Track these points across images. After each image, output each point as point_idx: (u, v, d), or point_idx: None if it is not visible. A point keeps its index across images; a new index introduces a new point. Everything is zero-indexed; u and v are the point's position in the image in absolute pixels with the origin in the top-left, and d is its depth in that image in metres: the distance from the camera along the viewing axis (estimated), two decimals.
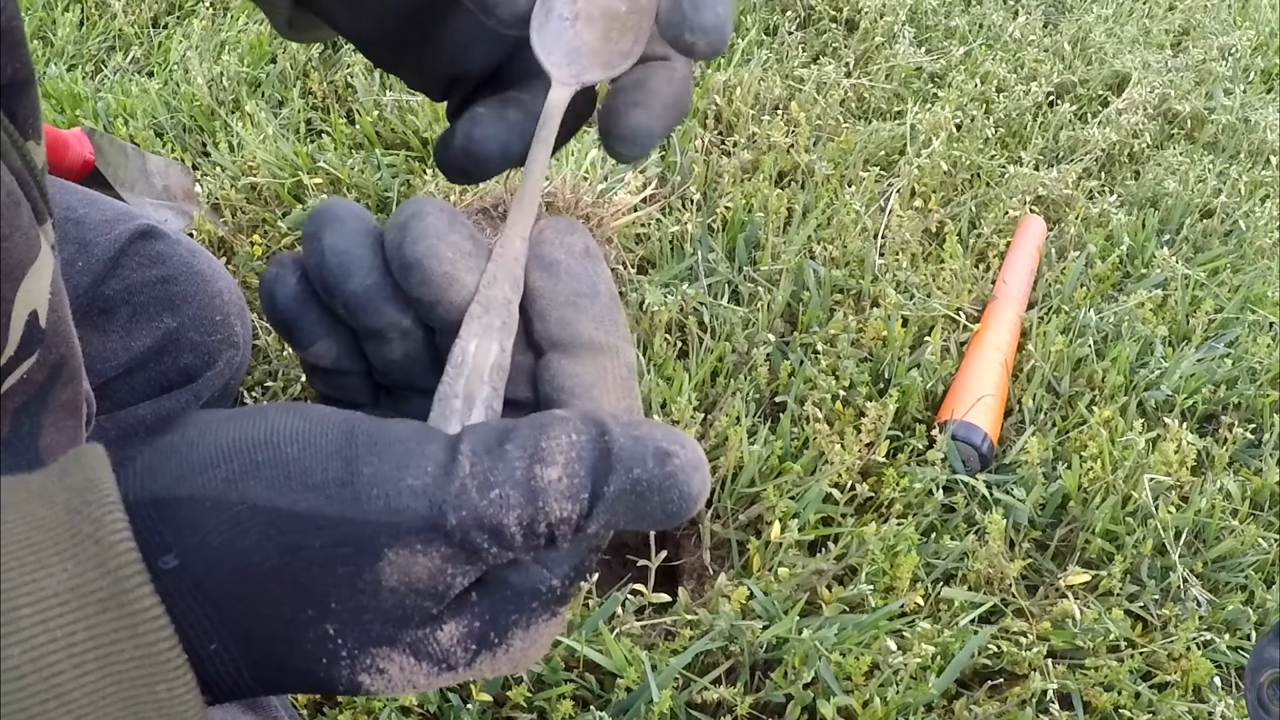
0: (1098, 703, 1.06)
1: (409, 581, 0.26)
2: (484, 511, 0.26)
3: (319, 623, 0.26)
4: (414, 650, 0.27)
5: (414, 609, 0.27)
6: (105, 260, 0.85)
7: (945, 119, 1.75)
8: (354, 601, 0.26)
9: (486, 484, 0.26)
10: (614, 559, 1.25)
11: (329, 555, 0.26)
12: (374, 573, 0.26)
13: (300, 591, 0.26)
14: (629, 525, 0.27)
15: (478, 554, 0.26)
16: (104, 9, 1.83)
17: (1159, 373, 1.40)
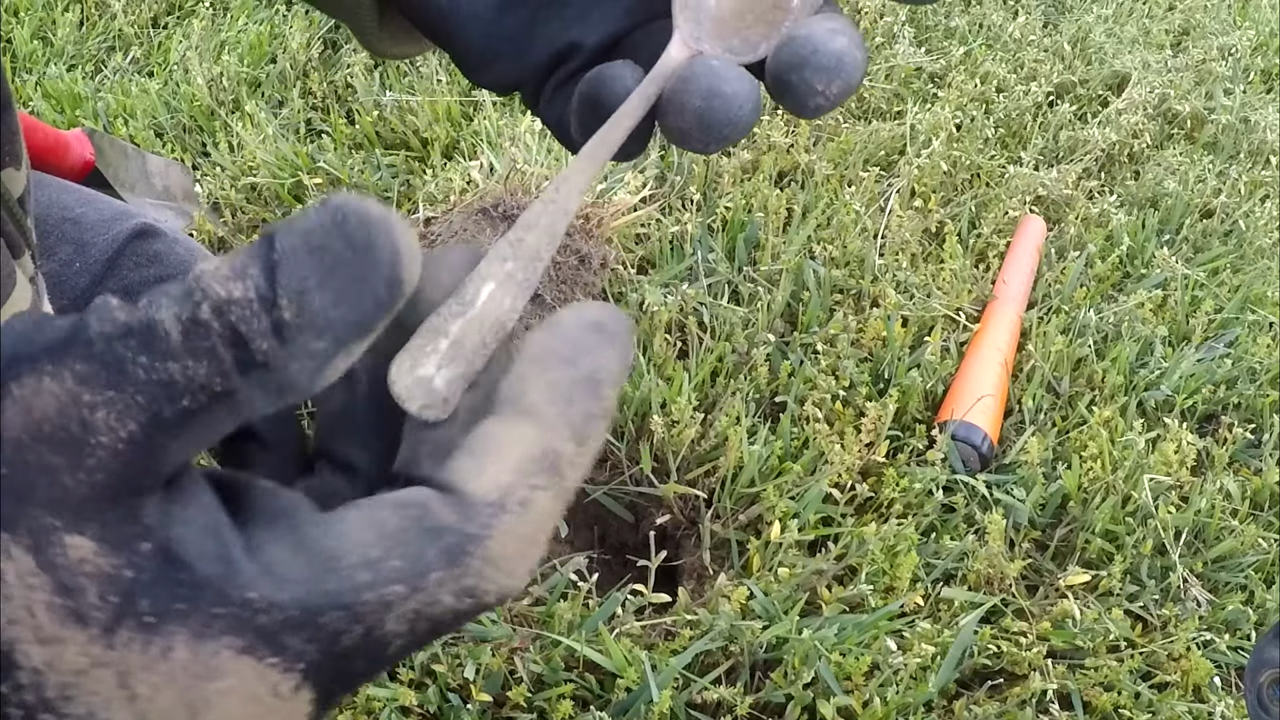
0: (1098, 703, 1.06)
1: (32, 423, 0.20)
2: (130, 315, 0.20)
3: None
4: (35, 549, 0.20)
5: (39, 471, 0.20)
6: (103, 260, 0.85)
7: (945, 119, 1.75)
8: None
9: (137, 304, 0.21)
10: (614, 559, 1.25)
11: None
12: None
13: None
14: (338, 298, 0.21)
15: (123, 370, 0.20)
16: (104, 9, 1.83)
17: (1159, 373, 1.40)
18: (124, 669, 0.21)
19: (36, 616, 0.20)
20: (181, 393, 0.21)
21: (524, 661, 1.00)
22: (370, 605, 0.21)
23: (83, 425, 0.20)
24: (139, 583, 0.21)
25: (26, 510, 0.20)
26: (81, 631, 0.20)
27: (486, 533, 0.22)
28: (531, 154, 1.45)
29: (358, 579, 0.21)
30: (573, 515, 1.24)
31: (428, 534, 0.22)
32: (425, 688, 0.99)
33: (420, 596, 0.21)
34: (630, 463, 1.22)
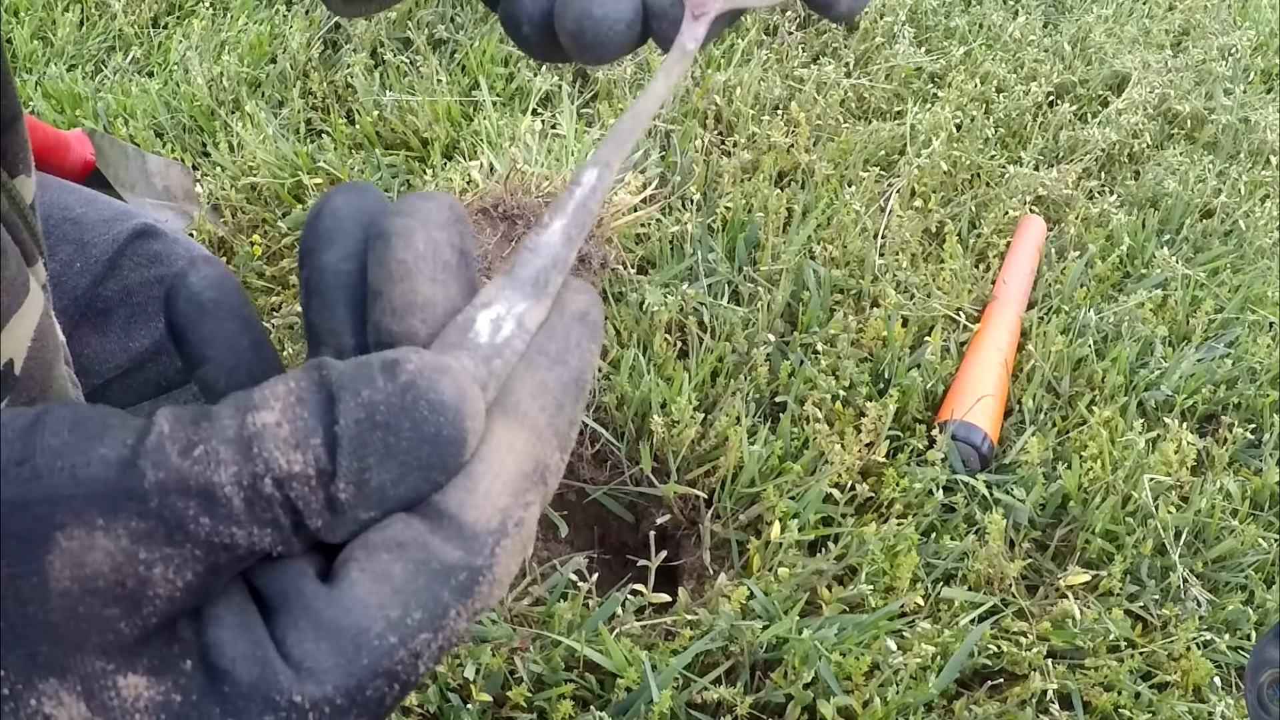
0: (1098, 703, 1.06)
1: (84, 577, 0.20)
2: (187, 470, 0.20)
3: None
4: (87, 694, 0.20)
5: (91, 622, 0.20)
6: (103, 261, 0.85)
7: (945, 119, 1.75)
8: (19, 615, 0.20)
9: (190, 443, 0.20)
10: (614, 559, 1.25)
11: (5, 552, 0.20)
12: (42, 570, 0.20)
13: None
14: (398, 479, 0.21)
15: (184, 530, 0.20)
16: (104, 9, 1.83)
17: (1159, 373, 1.40)
18: None
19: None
20: (241, 555, 0.21)
21: (524, 661, 1.00)
22: (404, 662, 0.21)
23: (139, 581, 0.20)
24: (187, 704, 0.21)
25: (78, 658, 0.20)
26: None
27: (492, 561, 0.22)
28: (531, 154, 1.45)
29: (388, 644, 0.21)
30: (573, 515, 1.24)
31: (438, 577, 0.22)
32: (425, 688, 0.99)
33: (443, 635, 0.22)
34: (630, 463, 1.22)
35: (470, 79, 1.69)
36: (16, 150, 0.42)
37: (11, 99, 0.41)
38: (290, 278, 1.37)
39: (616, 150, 0.28)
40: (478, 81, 1.67)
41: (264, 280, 1.37)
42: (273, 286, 1.36)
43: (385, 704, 0.22)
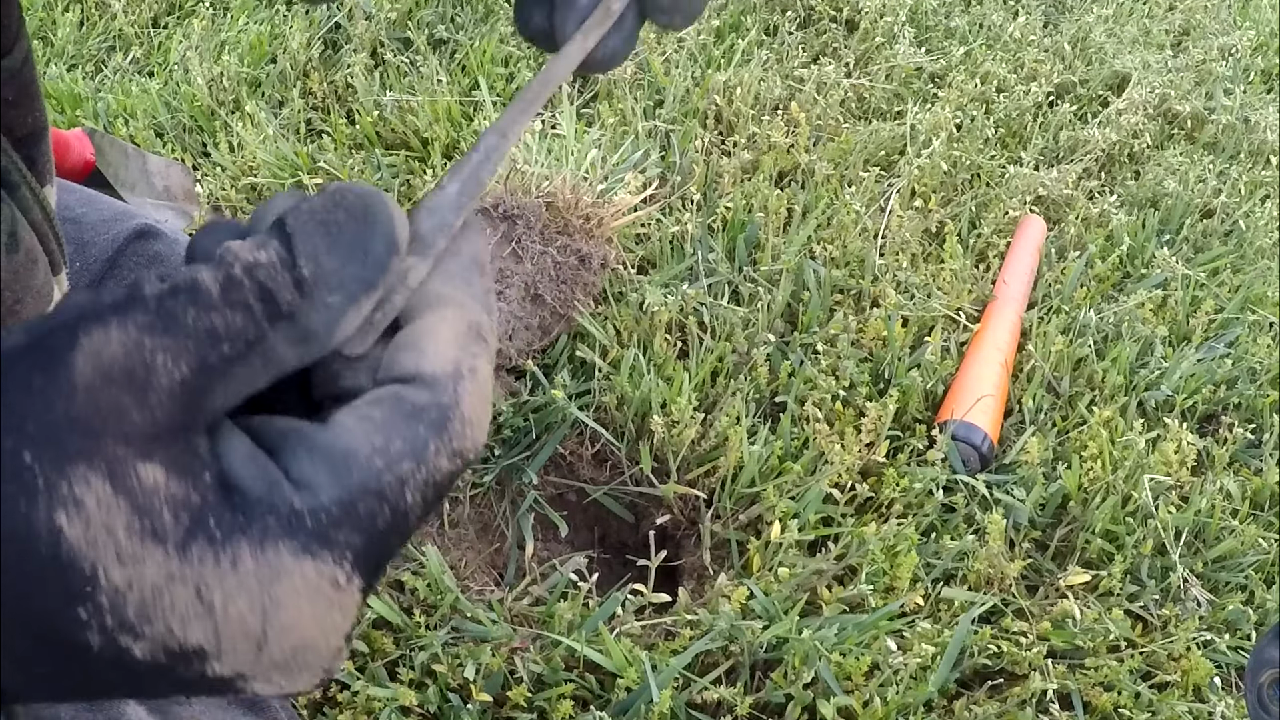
0: (1098, 703, 1.06)
1: (102, 366, 0.23)
2: (177, 278, 0.24)
3: (19, 446, 0.23)
4: (111, 476, 0.23)
5: (111, 408, 0.23)
6: (103, 260, 0.85)
7: (945, 119, 1.75)
8: (49, 415, 0.23)
9: (175, 275, 0.24)
10: (614, 559, 1.25)
11: (23, 365, 0.23)
12: (69, 368, 0.23)
13: None
14: (346, 259, 0.25)
15: (176, 320, 0.24)
16: (104, 9, 1.83)
17: (1159, 373, 1.40)
18: (200, 581, 0.23)
19: (117, 537, 0.23)
20: (222, 337, 0.24)
21: (524, 661, 1.00)
22: (391, 486, 0.25)
23: (146, 368, 0.23)
24: (206, 505, 0.24)
25: (101, 443, 0.23)
26: (159, 548, 0.23)
27: (456, 398, 0.26)
28: (531, 154, 1.45)
29: (375, 465, 0.25)
30: (573, 515, 1.24)
31: (412, 414, 0.26)
32: (425, 688, 0.99)
33: (426, 467, 0.25)
34: (630, 463, 1.22)
35: (470, 79, 1.69)
36: (44, 161, 0.43)
37: (41, 111, 0.42)
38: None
39: (518, 119, 0.31)
40: (478, 81, 1.67)
41: None
42: None
43: (377, 524, 0.25)
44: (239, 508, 0.24)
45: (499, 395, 1.24)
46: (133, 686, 0.24)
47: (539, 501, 1.21)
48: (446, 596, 1.04)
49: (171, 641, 0.24)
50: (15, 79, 0.40)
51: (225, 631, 0.24)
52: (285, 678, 0.25)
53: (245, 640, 0.24)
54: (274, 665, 0.25)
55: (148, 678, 0.24)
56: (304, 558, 0.24)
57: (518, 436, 1.22)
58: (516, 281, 1.29)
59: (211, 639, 0.24)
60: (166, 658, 0.24)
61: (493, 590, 1.11)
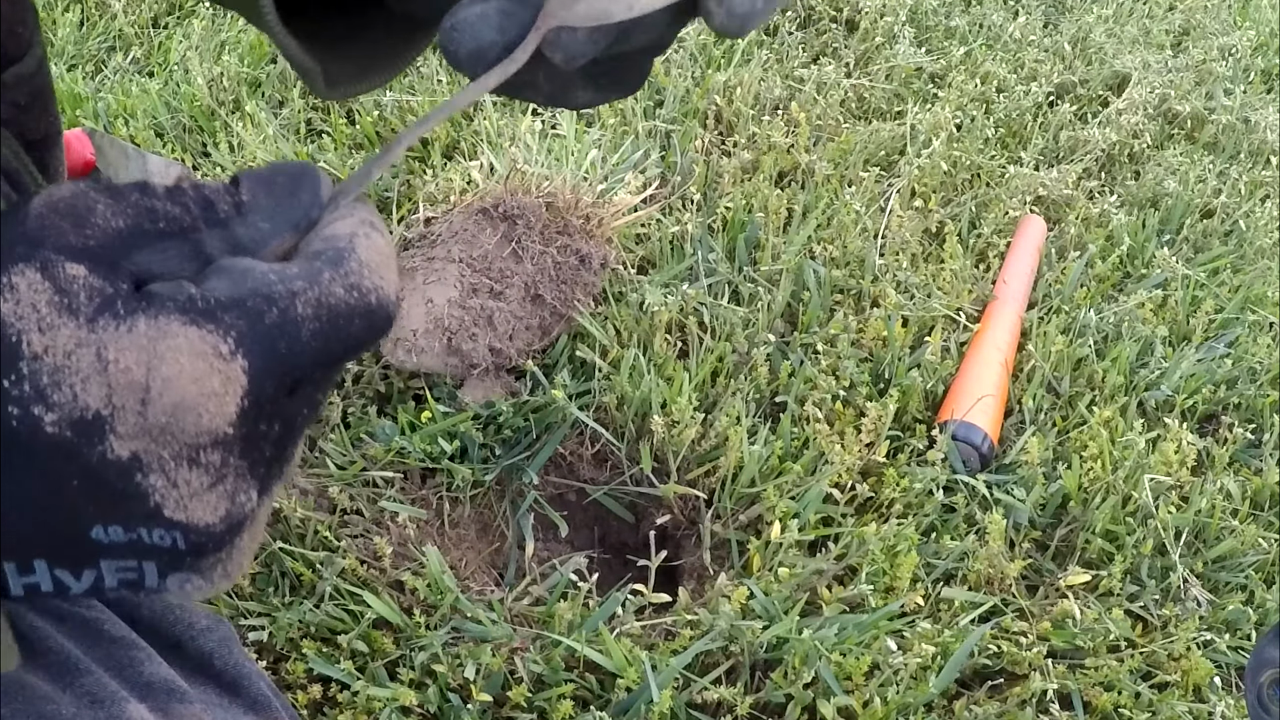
0: (1098, 703, 1.06)
1: (51, 201, 0.28)
2: (131, 184, 0.29)
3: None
4: (42, 268, 0.27)
5: (51, 228, 0.28)
6: None
7: (945, 119, 1.75)
8: (7, 235, 0.28)
9: None
10: (614, 559, 1.25)
11: (9, 210, 0.28)
12: (27, 207, 0.28)
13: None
14: (281, 201, 0.30)
15: (122, 194, 0.29)
16: (104, 9, 1.83)
17: (1159, 373, 1.40)
18: (100, 344, 0.27)
19: (39, 310, 0.27)
20: (159, 217, 0.29)
21: (524, 661, 1.00)
22: (281, 293, 0.28)
23: (86, 208, 0.28)
24: (117, 295, 0.28)
25: (39, 250, 0.27)
26: (72, 320, 0.27)
27: (352, 245, 0.30)
28: (531, 154, 1.45)
29: (269, 278, 0.29)
30: (573, 515, 1.24)
31: (311, 255, 0.30)
32: (425, 688, 0.99)
33: (318, 288, 0.29)
34: (630, 463, 1.22)
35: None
36: (57, 165, 0.44)
37: (55, 116, 0.43)
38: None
39: (420, 127, 0.34)
40: None
41: None
42: None
43: (263, 318, 0.28)
44: (146, 297, 0.28)
45: (500, 395, 1.24)
46: (40, 475, 0.27)
47: (539, 501, 1.21)
48: (446, 596, 1.04)
49: (75, 409, 0.27)
50: (29, 84, 0.40)
51: (115, 384, 0.27)
52: (180, 464, 0.28)
53: (131, 394, 0.27)
54: (160, 432, 0.27)
55: (54, 462, 0.27)
56: (190, 326, 0.27)
57: (518, 436, 1.22)
58: (516, 281, 1.29)
59: (103, 401, 0.27)
60: (71, 431, 0.27)
61: (493, 590, 1.11)
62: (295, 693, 0.97)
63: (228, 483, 0.29)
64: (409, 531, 1.11)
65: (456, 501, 1.18)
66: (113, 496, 0.28)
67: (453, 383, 1.24)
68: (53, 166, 0.44)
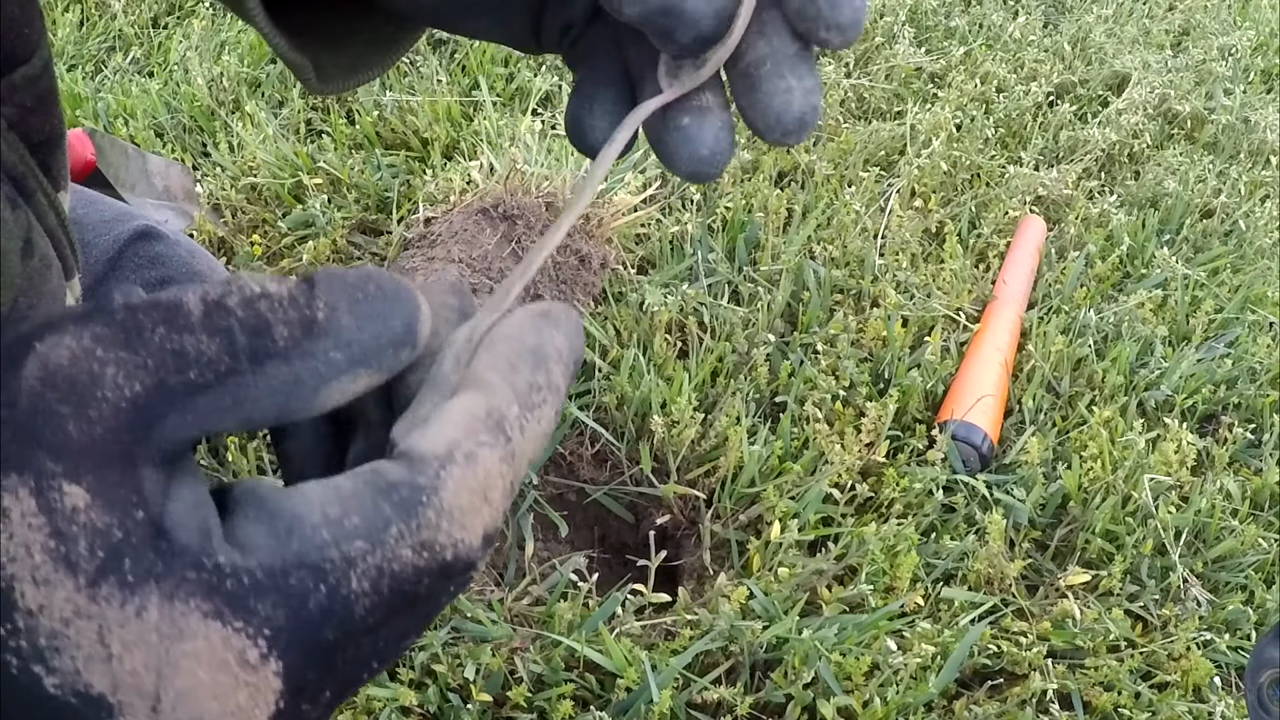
0: (1098, 703, 1.06)
1: (47, 372, 0.21)
2: (159, 297, 0.22)
3: None
4: (38, 491, 0.21)
5: (46, 417, 0.21)
6: (104, 261, 0.85)
7: (945, 119, 1.75)
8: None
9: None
10: (614, 559, 1.25)
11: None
12: (18, 376, 0.21)
13: None
14: (362, 325, 0.23)
15: (140, 336, 0.22)
16: (104, 9, 1.83)
17: (1159, 373, 1.40)
18: (103, 623, 0.21)
19: (34, 557, 0.21)
20: (189, 363, 0.22)
21: (524, 661, 1.00)
22: (333, 562, 0.22)
23: (90, 378, 0.21)
24: (126, 544, 0.21)
25: (33, 453, 0.21)
26: (70, 579, 0.21)
27: (436, 483, 0.23)
28: (531, 154, 1.45)
29: (320, 538, 0.22)
30: (573, 515, 1.24)
31: (381, 491, 0.22)
32: (425, 688, 0.99)
33: (381, 552, 0.22)
34: (630, 463, 1.22)
35: (470, 79, 1.69)
36: (59, 167, 0.44)
37: (59, 118, 0.42)
38: (290, 277, 1.37)
39: (519, 279, 0.29)
40: (478, 81, 1.67)
41: None
42: None
43: (307, 604, 0.22)
44: (161, 553, 0.22)
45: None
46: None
47: (539, 501, 1.21)
48: None
49: (78, 683, 0.22)
50: (34, 86, 0.40)
51: (122, 684, 0.22)
52: None
53: (141, 700, 0.22)
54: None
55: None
56: (213, 621, 0.22)
57: None
58: None
59: (109, 689, 0.22)
60: (76, 700, 0.22)
61: (493, 590, 1.11)
62: None
63: None
64: None
65: None
66: None
67: None
68: (55, 168, 0.44)
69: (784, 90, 0.31)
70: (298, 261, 1.37)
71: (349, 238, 1.42)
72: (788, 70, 0.32)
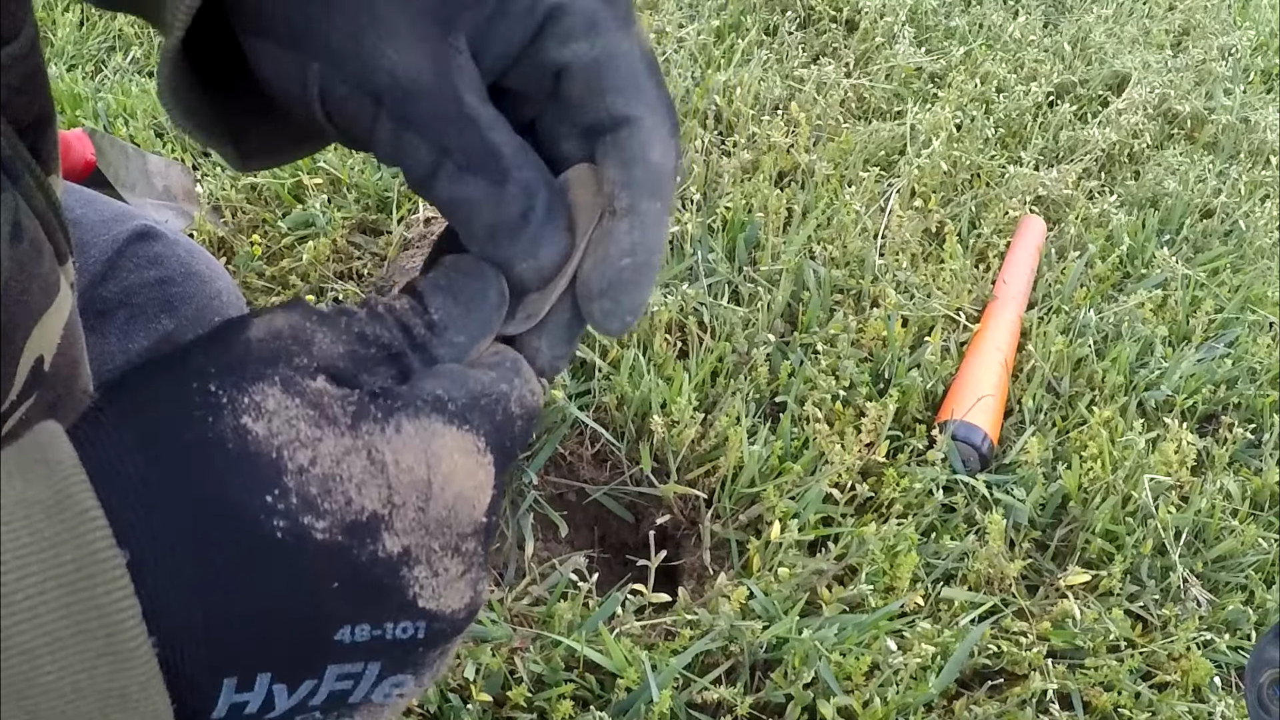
0: (1098, 703, 1.06)
1: (271, 330, 0.28)
2: (330, 309, 0.29)
3: (204, 381, 0.27)
4: (287, 385, 0.27)
5: (280, 351, 0.28)
6: (103, 261, 0.85)
7: (945, 119, 1.75)
8: (228, 357, 0.28)
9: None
10: (614, 559, 1.25)
11: (203, 341, 0.29)
12: (245, 334, 0.28)
13: (181, 367, 0.28)
14: (466, 313, 0.31)
15: (332, 319, 0.29)
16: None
17: (1159, 373, 1.40)
18: (371, 447, 0.28)
19: (297, 426, 0.27)
20: (370, 341, 0.30)
21: (524, 661, 1.00)
22: (501, 394, 0.31)
23: (309, 336, 0.29)
24: (365, 397, 0.28)
25: (275, 368, 0.28)
26: (333, 428, 0.27)
27: (519, 362, 0.32)
28: None
29: (485, 382, 0.31)
30: (573, 515, 1.24)
31: (498, 363, 0.32)
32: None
33: (518, 391, 0.31)
34: (630, 463, 1.22)
35: None
36: (49, 150, 0.43)
37: (47, 99, 0.42)
38: (290, 277, 1.37)
39: None
40: None
41: (264, 280, 1.37)
42: (273, 286, 1.36)
43: (494, 420, 0.30)
44: (392, 396, 0.29)
45: None
46: (301, 580, 0.27)
47: (539, 501, 1.21)
48: None
49: (349, 513, 0.27)
50: (21, 65, 0.39)
51: (397, 484, 0.28)
52: (446, 554, 0.29)
53: (414, 491, 0.28)
54: (438, 525, 0.28)
55: (319, 565, 0.27)
56: (450, 425, 0.29)
57: None
58: None
59: (385, 496, 0.27)
60: (343, 535, 0.27)
61: (493, 590, 1.11)
62: None
63: (475, 570, 0.30)
64: None
65: None
66: (374, 592, 0.28)
67: None
68: (45, 151, 0.43)
69: (532, 349, 0.37)
70: (298, 261, 1.37)
71: (349, 238, 1.42)
72: (550, 336, 0.38)
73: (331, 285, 1.35)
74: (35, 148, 0.42)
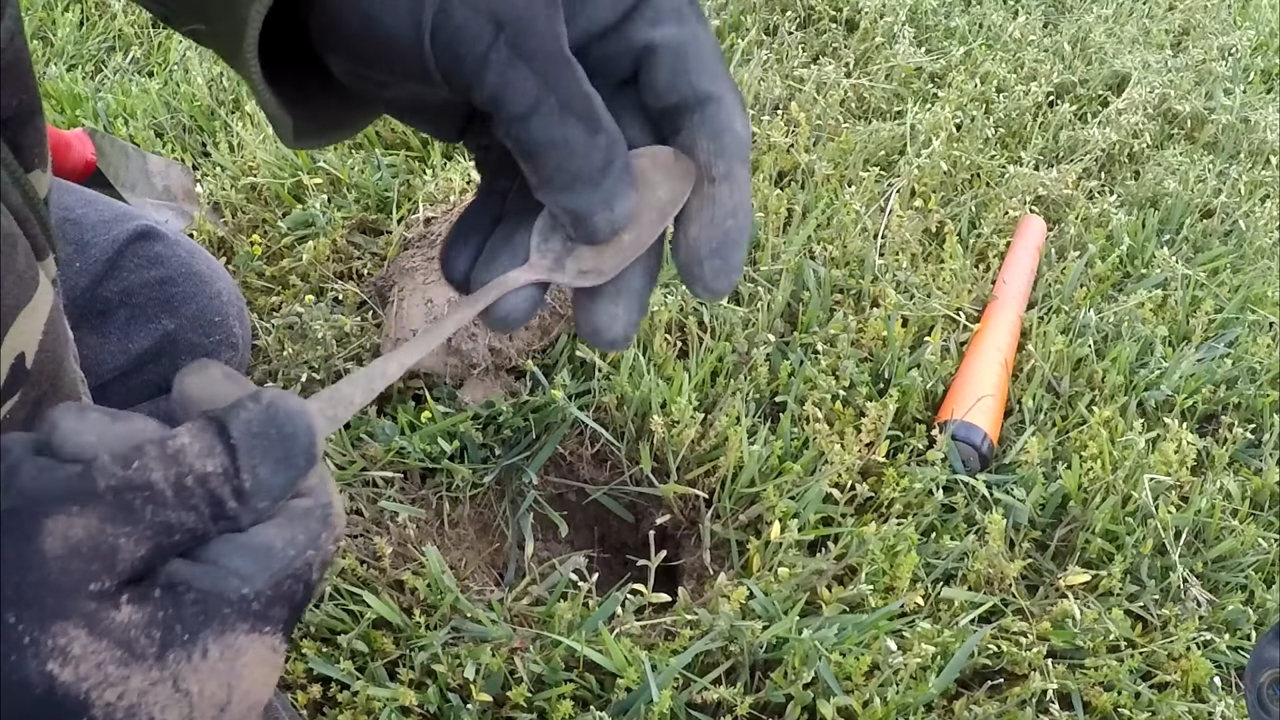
0: (1098, 703, 1.06)
1: (70, 544, 0.27)
2: (130, 475, 0.28)
3: (2, 612, 0.27)
4: (90, 625, 0.27)
5: (81, 575, 0.27)
6: (103, 261, 0.85)
7: (945, 119, 1.75)
8: (25, 582, 0.27)
9: (128, 461, 0.28)
10: (614, 559, 1.25)
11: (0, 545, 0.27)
12: (37, 544, 0.27)
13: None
14: (274, 472, 0.29)
15: (136, 514, 0.28)
16: (104, 9, 1.83)
17: (1159, 373, 1.40)
18: (177, 677, 0.28)
19: (105, 670, 0.27)
20: (175, 531, 0.29)
21: (524, 661, 1.00)
22: (301, 568, 0.30)
23: (111, 549, 0.27)
24: (170, 615, 0.28)
25: (76, 601, 0.27)
26: (140, 664, 0.27)
27: (329, 495, 0.31)
28: None
29: (288, 554, 0.30)
30: (573, 515, 1.24)
31: (305, 513, 0.31)
32: (425, 688, 0.99)
33: (321, 553, 0.31)
34: (630, 463, 1.22)
35: None
36: (34, 144, 0.43)
37: (32, 93, 0.41)
38: (290, 277, 1.37)
39: (409, 355, 0.37)
40: None
41: (264, 280, 1.37)
42: (272, 286, 1.36)
43: (296, 599, 0.30)
44: (194, 604, 0.29)
45: (500, 395, 1.24)
46: None
47: (539, 501, 1.21)
48: (446, 596, 1.04)
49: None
50: (1, 56, 0.39)
51: (199, 706, 0.28)
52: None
53: (213, 708, 0.29)
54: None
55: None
56: (254, 635, 0.29)
57: (518, 436, 1.22)
58: None
59: (185, 715, 0.28)
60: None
61: (493, 590, 1.11)
62: (295, 692, 0.97)
63: None
64: (409, 531, 1.11)
65: (456, 501, 1.18)
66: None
67: (452, 383, 1.24)
68: (27, 146, 0.43)
69: (610, 316, 0.38)
70: (297, 261, 1.37)
71: (349, 237, 1.42)
72: (627, 302, 0.39)
73: (331, 285, 1.35)
74: (15, 142, 0.41)
